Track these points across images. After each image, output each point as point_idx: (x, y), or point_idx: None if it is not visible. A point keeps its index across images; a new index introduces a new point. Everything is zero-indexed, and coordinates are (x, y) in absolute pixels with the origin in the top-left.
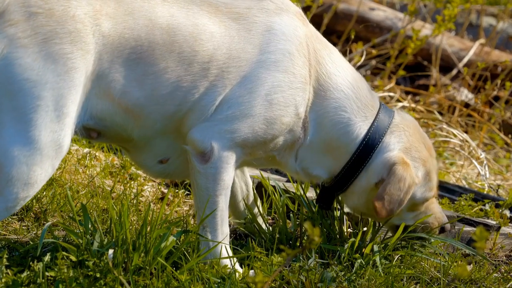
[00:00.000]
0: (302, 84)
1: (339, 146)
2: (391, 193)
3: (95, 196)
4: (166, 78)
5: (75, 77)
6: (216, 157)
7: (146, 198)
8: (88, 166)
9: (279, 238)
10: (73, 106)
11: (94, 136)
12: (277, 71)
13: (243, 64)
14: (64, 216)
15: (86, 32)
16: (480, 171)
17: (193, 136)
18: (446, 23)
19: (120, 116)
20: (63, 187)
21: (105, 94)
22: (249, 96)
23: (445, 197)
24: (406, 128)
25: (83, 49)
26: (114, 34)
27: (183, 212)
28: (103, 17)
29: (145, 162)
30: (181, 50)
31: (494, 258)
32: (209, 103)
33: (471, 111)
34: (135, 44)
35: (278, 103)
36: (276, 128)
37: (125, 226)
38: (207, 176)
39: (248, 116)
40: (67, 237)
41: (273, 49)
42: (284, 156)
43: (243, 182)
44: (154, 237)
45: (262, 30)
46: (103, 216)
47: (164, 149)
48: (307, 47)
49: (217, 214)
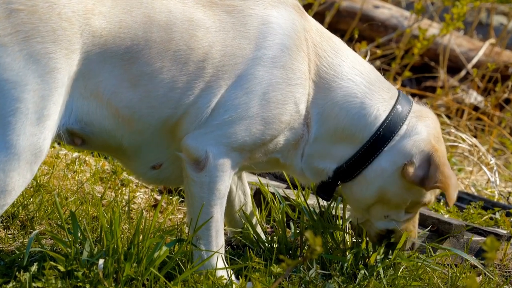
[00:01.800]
0: (302, 80)
1: (353, 132)
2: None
3: (85, 203)
4: (161, 79)
5: (58, 78)
6: (211, 165)
7: (139, 205)
8: (77, 171)
9: (278, 247)
10: (54, 108)
11: (78, 143)
12: (274, 67)
13: (238, 62)
14: (52, 224)
15: (72, 31)
16: (490, 178)
17: (188, 143)
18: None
19: (109, 120)
20: (51, 194)
21: (93, 95)
22: (246, 97)
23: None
24: (430, 116)
25: (68, 49)
26: (107, 34)
27: (177, 220)
28: (95, 16)
29: (137, 169)
30: (177, 48)
31: (504, 270)
32: (204, 106)
33: (480, 115)
34: (131, 44)
35: (277, 101)
36: (275, 127)
37: (116, 234)
38: (202, 185)
39: (245, 118)
40: (55, 246)
41: (269, 44)
42: (288, 158)
43: (241, 191)
44: (146, 247)
45: (258, 24)
46: (93, 224)
47: (156, 154)
48: (305, 41)
49: (212, 225)
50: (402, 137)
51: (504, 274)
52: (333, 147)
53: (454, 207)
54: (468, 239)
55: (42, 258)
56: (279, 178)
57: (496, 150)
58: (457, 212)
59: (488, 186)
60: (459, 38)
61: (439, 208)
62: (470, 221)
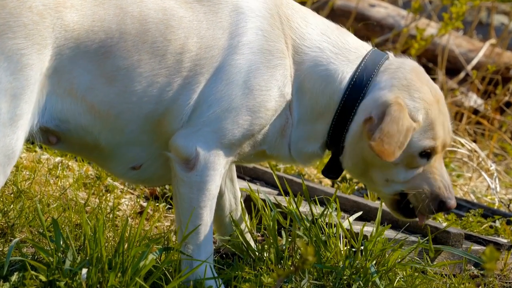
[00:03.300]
0: (281, 59)
1: (326, 103)
2: (390, 134)
3: (68, 209)
4: (139, 73)
5: (30, 75)
6: (202, 164)
7: (124, 212)
8: (60, 176)
9: (269, 256)
10: (27, 107)
11: (53, 142)
12: (251, 53)
13: (215, 54)
14: (33, 231)
15: (44, 25)
16: (490, 184)
17: (176, 142)
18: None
19: (85, 117)
20: (32, 200)
21: (67, 92)
22: (227, 88)
23: (451, 212)
24: (402, 66)
25: (40, 44)
26: (80, 28)
27: (164, 227)
28: (67, 9)
29: (115, 169)
30: (154, 39)
31: (505, 280)
32: (185, 103)
33: (480, 118)
34: (105, 37)
35: (259, 88)
36: (262, 116)
37: (100, 243)
38: (191, 185)
39: (229, 110)
40: (37, 254)
41: (243, 30)
42: (275, 148)
43: (231, 195)
44: (132, 255)
45: (229, 11)
46: (76, 232)
47: (135, 154)
48: (279, 17)
49: (201, 229)
50: (366, 95)
51: (504, 285)
52: (315, 125)
53: (453, 215)
54: (467, 248)
55: (23, 267)
56: (270, 185)
57: (496, 156)
58: (455, 220)
59: (488, 193)
60: (458, 38)
61: (437, 216)
62: (469, 230)
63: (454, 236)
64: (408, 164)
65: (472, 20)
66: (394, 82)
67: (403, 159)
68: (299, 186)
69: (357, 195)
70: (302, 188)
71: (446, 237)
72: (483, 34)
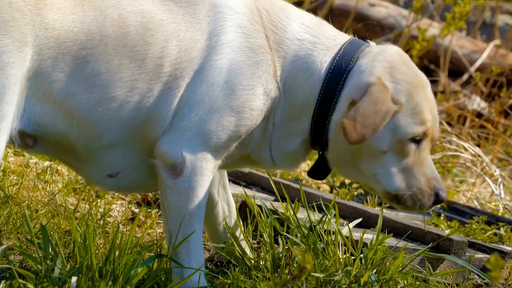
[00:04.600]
0: (262, 55)
1: (307, 97)
2: (364, 114)
3: (57, 216)
4: (119, 77)
5: (11, 74)
6: (189, 169)
7: (115, 218)
8: (48, 181)
9: (265, 265)
10: (8, 108)
11: (30, 144)
12: (231, 52)
13: (195, 56)
14: (21, 238)
15: (24, 22)
16: (494, 190)
17: (161, 148)
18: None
19: (63, 122)
20: (20, 206)
21: (46, 95)
22: (208, 90)
23: (454, 219)
24: (384, 50)
25: (20, 41)
26: (60, 28)
27: (156, 234)
28: (47, 7)
29: (90, 175)
30: (134, 43)
31: None
32: (166, 109)
33: (484, 122)
34: (85, 39)
35: (242, 87)
36: (247, 116)
37: (91, 250)
38: (179, 192)
39: (212, 112)
40: (25, 262)
41: (221, 30)
42: (257, 151)
43: (225, 202)
44: (123, 263)
45: (206, 11)
46: (65, 238)
47: (113, 162)
48: (257, 11)
49: (191, 238)
50: (347, 82)
51: None
52: (296, 122)
53: (456, 222)
54: (471, 257)
55: (10, 275)
56: (266, 190)
57: (500, 161)
58: (458, 227)
59: (492, 199)
60: (461, 39)
61: (439, 223)
62: (472, 237)
63: (457, 244)
64: (398, 152)
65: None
66: (375, 64)
67: (391, 146)
68: (296, 192)
69: (357, 201)
70: (300, 194)
71: (448, 245)
72: (487, 34)
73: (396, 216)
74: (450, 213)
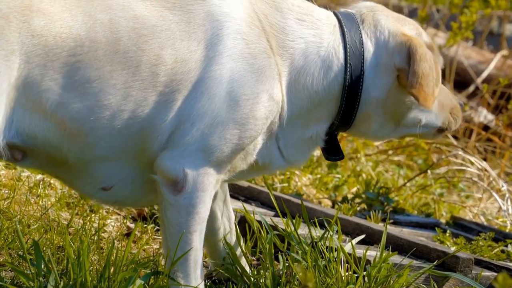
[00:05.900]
0: (265, 60)
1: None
2: (424, 75)
3: (49, 231)
4: (112, 84)
5: None
6: (191, 185)
7: (109, 234)
8: (41, 195)
9: (265, 282)
10: None
11: (18, 158)
12: (231, 60)
13: (192, 67)
14: (12, 254)
15: (10, 30)
16: (501, 206)
17: (162, 164)
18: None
19: (54, 133)
20: (11, 220)
21: (35, 106)
22: (209, 103)
23: (460, 235)
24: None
25: (6, 50)
26: (48, 34)
27: (152, 251)
28: (33, 13)
29: (83, 188)
30: (126, 49)
31: None
32: (161, 121)
33: (491, 135)
34: (74, 45)
35: (245, 97)
36: (251, 127)
37: (85, 266)
38: (179, 209)
39: (214, 125)
40: (16, 279)
41: (220, 39)
42: (266, 155)
43: (226, 218)
44: (118, 280)
45: (201, 20)
46: (58, 254)
47: (107, 175)
48: (256, 15)
49: (191, 255)
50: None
51: None
52: (314, 112)
53: (462, 238)
54: (477, 274)
55: None
56: (266, 205)
57: (508, 175)
58: (464, 244)
59: (500, 215)
60: (468, 49)
61: (445, 239)
62: (479, 254)
63: (463, 261)
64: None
65: (483, 30)
66: (382, 23)
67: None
68: (297, 207)
69: (360, 217)
70: (301, 209)
71: (454, 262)
72: (494, 45)
73: (401, 233)
74: (456, 229)
